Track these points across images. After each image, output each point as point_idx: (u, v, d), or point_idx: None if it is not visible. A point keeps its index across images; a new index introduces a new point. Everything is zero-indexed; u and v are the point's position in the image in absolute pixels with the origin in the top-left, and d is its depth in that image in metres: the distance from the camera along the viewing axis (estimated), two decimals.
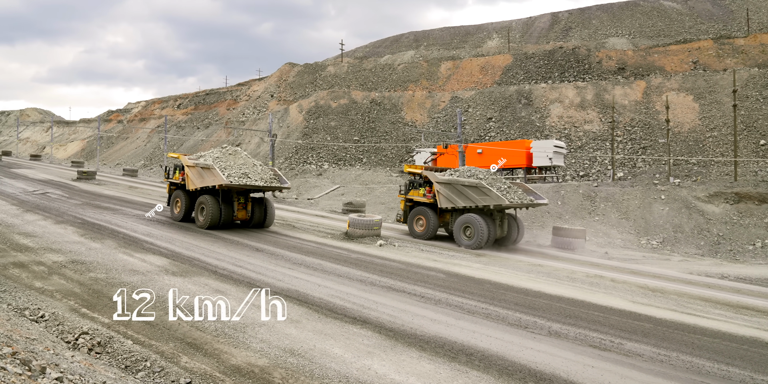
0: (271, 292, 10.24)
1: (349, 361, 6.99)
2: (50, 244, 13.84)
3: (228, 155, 19.57)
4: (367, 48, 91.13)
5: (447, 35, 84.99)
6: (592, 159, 39.15)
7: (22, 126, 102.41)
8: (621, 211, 25.92)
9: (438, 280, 12.38)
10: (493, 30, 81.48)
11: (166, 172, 22.15)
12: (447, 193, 18.81)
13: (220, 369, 6.60)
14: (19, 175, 37.26)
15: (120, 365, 6.60)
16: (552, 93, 45.61)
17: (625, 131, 40.48)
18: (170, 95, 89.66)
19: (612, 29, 68.47)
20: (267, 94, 66.79)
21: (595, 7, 75.12)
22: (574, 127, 42.39)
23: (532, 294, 11.43)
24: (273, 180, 19.14)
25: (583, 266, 15.79)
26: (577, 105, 43.86)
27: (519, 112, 45.65)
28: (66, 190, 29.21)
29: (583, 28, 71.74)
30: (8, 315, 7.72)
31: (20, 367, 4.41)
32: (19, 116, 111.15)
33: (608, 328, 9.08)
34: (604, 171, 37.85)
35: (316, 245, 16.42)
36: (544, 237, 22.58)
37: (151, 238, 15.84)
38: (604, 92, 43.68)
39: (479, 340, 8.09)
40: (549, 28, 75.59)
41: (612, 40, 53.90)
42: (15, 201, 22.63)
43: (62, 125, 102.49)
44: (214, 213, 18.42)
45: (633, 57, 48.69)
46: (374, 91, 57.08)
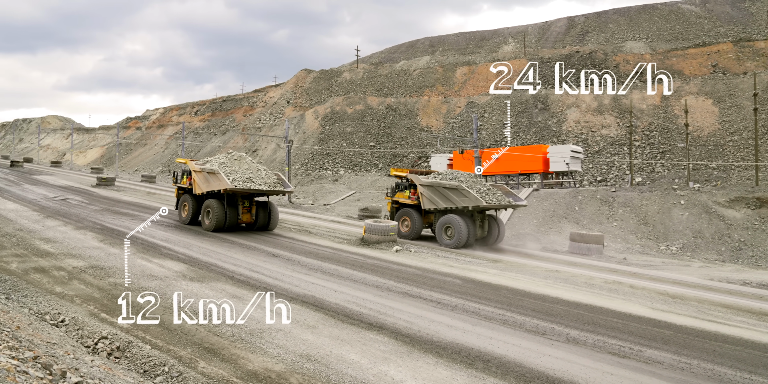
0: (276, 294, 10.28)
1: (366, 367, 6.98)
2: (70, 250, 14.03)
3: (233, 160, 20.03)
4: (382, 54, 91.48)
5: (462, 40, 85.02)
6: (609, 164, 38.84)
7: (43, 133, 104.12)
8: (640, 217, 25.65)
9: (454, 285, 12.33)
10: (508, 35, 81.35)
11: (174, 177, 22.65)
12: (430, 195, 19.65)
13: (237, 374, 6.63)
14: (40, 181, 37.84)
15: (138, 370, 6.65)
16: (569, 98, 45.37)
17: (644, 136, 40.12)
18: (188, 102, 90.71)
19: (629, 33, 68.01)
20: (283, 101, 67.25)
21: (612, 11, 74.72)
22: (592, 132, 42.10)
23: (549, 300, 11.33)
24: (276, 184, 19.51)
25: (601, 272, 15.63)
26: (594, 109, 43.58)
27: (535, 117, 45.46)
28: (86, 196, 29.61)
29: (599, 32, 71.36)
30: (30, 319, 7.83)
31: (41, 371, 4.47)
32: (40, 123, 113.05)
33: (627, 335, 8.97)
34: (622, 176, 37.51)
35: (332, 251, 16.44)
36: (561, 243, 22.40)
37: (169, 243, 15.98)
38: (622, 97, 43.35)
39: (496, 347, 8.03)
40: (565, 33, 75.31)
41: (629, 44, 53.52)
42: (36, 207, 22.98)
43: (82, 132, 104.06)
44: (219, 216, 19.00)
45: (651, 61, 48.30)
46: (390, 97, 57.21)
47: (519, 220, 26.68)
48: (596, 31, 72.32)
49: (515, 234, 24.08)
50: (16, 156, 76.18)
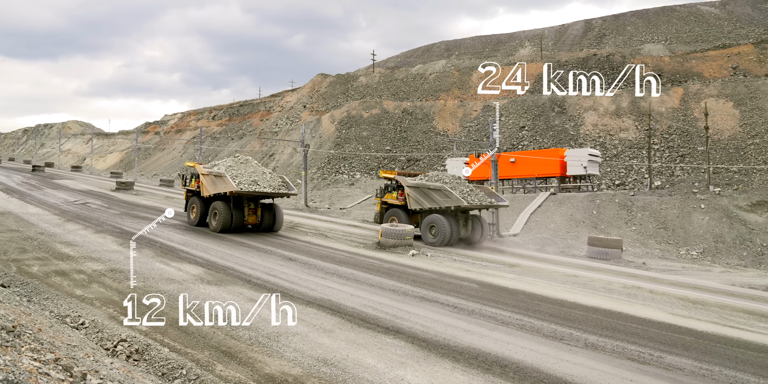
0: (291, 298, 10.30)
1: (382, 372, 6.97)
2: (90, 253, 14.20)
3: (239, 164, 20.68)
4: (398, 58, 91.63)
5: (478, 44, 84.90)
6: (628, 167, 38.47)
7: (64, 138, 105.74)
8: (659, 221, 25.36)
9: (471, 290, 12.27)
10: (525, 38, 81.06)
11: (184, 180, 23.44)
12: (415, 196, 20.39)
13: (254, 378, 6.65)
14: (61, 185, 38.40)
15: (157, 372, 6.70)
16: (586, 101, 45.06)
17: (663, 139, 39.70)
18: (205, 107, 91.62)
19: (647, 35, 67.42)
20: (300, 105, 67.61)
21: (630, 14, 74.14)
22: (609, 135, 41.75)
23: (567, 305, 11.23)
24: (281, 187, 20.17)
25: (620, 277, 15.46)
26: (612, 113, 43.24)
27: (552, 120, 45.21)
28: (105, 200, 29.98)
29: (617, 35, 70.83)
30: (51, 322, 7.93)
31: (62, 373, 4.52)
32: (61, 129, 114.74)
33: (647, 341, 8.85)
34: (641, 180, 37.13)
35: (349, 255, 16.46)
36: (579, 247, 22.21)
37: (187, 247, 16.11)
38: (640, 99, 42.95)
39: (514, 352, 7.97)
40: (582, 36, 74.87)
41: (648, 47, 53.05)
42: (57, 211, 23.31)
43: (102, 137, 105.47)
44: (225, 218, 19.70)
45: (670, 63, 47.82)
46: (406, 101, 57.26)
47: (536, 224, 26.51)
48: (614, 33, 71.78)
49: (532, 238, 23.93)
50: (38, 161, 77.43)
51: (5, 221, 19.30)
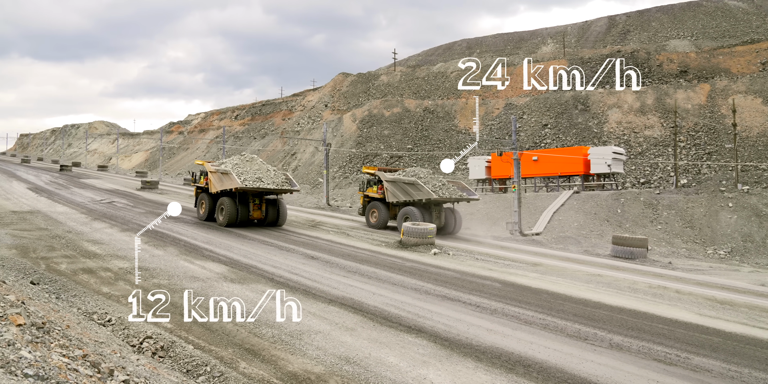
0: (314, 296, 10.34)
1: (405, 371, 6.96)
2: (116, 251, 14.43)
3: (245, 162, 21.69)
4: (419, 56, 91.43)
5: (500, 42, 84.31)
6: (653, 165, 37.90)
7: (91, 138, 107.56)
8: (685, 220, 24.94)
9: (494, 289, 12.20)
10: (547, 35, 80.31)
11: (193, 178, 24.54)
12: (393, 190, 22.16)
13: (277, 375, 6.70)
14: (88, 185, 39.08)
15: (182, 369, 6.79)
16: (610, 98, 44.48)
17: (689, 136, 39.02)
18: (228, 107, 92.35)
19: (673, 31, 66.31)
20: (321, 104, 67.86)
21: (655, 9, 72.97)
22: (634, 133, 41.17)
23: (591, 305, 11.11)
24: (284, 183, 21.16)
25: (645, 276, 15.24)
26: (637, 110, 42.61)
27: (575, 118, 44.73)
28: (131, 199, 30.44)
29: (642, 31, 69.80)
30: (78, 318, 8.08)
31: (90, 369, 4.60)
32: (87, 129, 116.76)
33: (674, 342, 8.71)
34: (667, 178, 36.55)
35: (370, 253, 16.48)
36: (603, 246, 21.95)
37: (210, 245, 16.28)
38: (666, 96, 42.27)
39: (537, 352, 7.91)
40: (606, 32, 73.91)
41: (673, 43, 52.13)
42: (84, 210, 23.73)
43: (127, 137, 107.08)
44: (231, 212, 20.81)
45: (696, 59, 46.96)
46: (427, 99, 57.12)
47: (559, 223, 26.26)
48: (638, 29, 70.72)
49: (555, 237, 23.71)
50: (65, 160, 78.92)
51: (34, 220, 19.70)
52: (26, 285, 9.76)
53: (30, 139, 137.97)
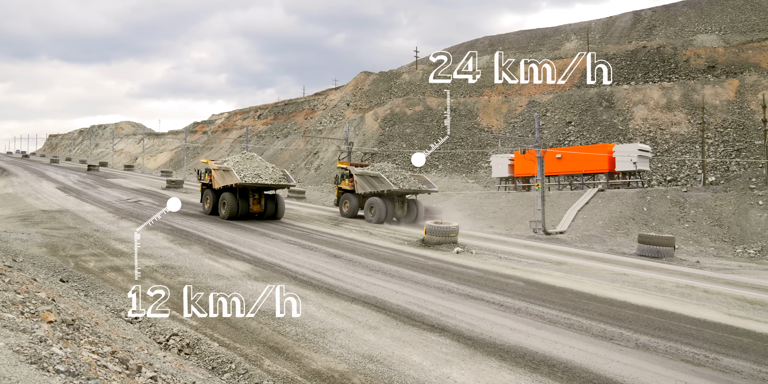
0: (337, 295, 10.37)
1: (428, 369, 6.95)
2: (142, 250, 14.64)
3: (246, 160, 23.27)
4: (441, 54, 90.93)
5: (523, 39, 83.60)
6: (680, 163, 37.25)
7: (117, 138, 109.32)
8: (713, 218, 24.48)
9: (517, 288, 12.12)
10: (571, 31, 79.40)
11: (199, 175, 26.41)
12: (361, 182, 24.69)
13: (301, 373, 6.74)
14: (115, 184, 39.74)
15: (207, 366, 6.87)
16: (635, 94, 43.82)
17: (717, 133, 38.27)
18: (251, 106, 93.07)
19: (700, 26, 65.07)
20: (343, 103, 68.03)
21: (681, 4, 71.61)
22: (660, 130, 40.51)
23: (617, 304, 10.97)
24: (282, 179, 22.74)
25: (672, 276, 15.00)
26: (663, 106, 41.91)
27: (600, 115, 44.15)
28: (156, 198, 30.87)
29: (668, 26, 68.62)
30: (106, 316, 8.23)
31: (119, 366, 4.68)
32: (114, 129, 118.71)
33: (702, 342, 8.56)
34: (694, 175, 35.91)
35: (393, 252, 16.49)
36: (628, 245, 21.66)
37: (234, 244, 16.45)
38: (693, 92, 41.50)
39: (562, 351, 7.83)
40: (631, 28, 72.82)
41: (700, 37, 51.16)
42: (111, 209, 24.15)
43: (152, 137, 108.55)
44: (232, 206, 22.54)
45: (724, 54, 45.99)
46: (449, 98, 56.87)
47: (583, 221, 25.97)
48: (664, 24, 69.54)
49: (579, 236, 23.46)
50: (93, 160, 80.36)
51: (63, 219, 20.11)
52: (56, 282, 9.97)
53: (58, 140, 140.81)
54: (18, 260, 11.46)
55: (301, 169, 56.23)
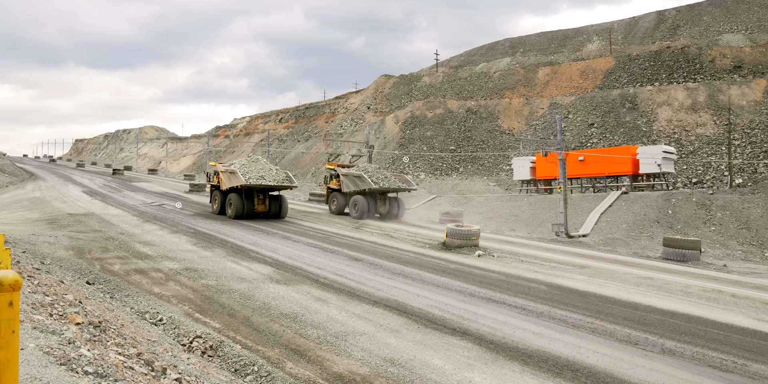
0: (359, 298, 10.38)
1: (450, 373, 6.92)
2: (166, 253, 14.84)
3: (251, 163, 24.99)
4: (461, 57, 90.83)
5: (544, 40, 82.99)
6: (706, 165, 36.61)
7: (141, 143, 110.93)
8: (741, 221, 24.00)
9: (540, 292, 12.02)
10: (593, 32, 78.63)
11: (208, 177, 28.00)
12: (346, 182, 27.04)
13: (323, 376, 6.76)
14: (139, 188, 40.32)
15: (230, 368, 6.93)
16: (659, 95, 43.21)
17: (744, 134, 37.54)
18: (272, 110, 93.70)
19: (726, 25, 63.97)
20: (363, 106, 68.17)
21: (706, 3, 70.48)
22: (685, 131, 39.87)
23: (641, 308, 10.81)
24: (284, 180, 24.38)
25: (698, 280, 14.75)
26: (688, 107, 41.25)
27: (623, 116, 43.62)
28: (179, 201, 31.24)
29: (692, 26, 67.59)
30: (131, 318, 8.35)
31: (145, 368, 4.74)
32: (138, 134, 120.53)
33: (730, 348, 8.40)
34: (720, 177, 35.27)
35: (414, 255, 16.46)
36: (653, 248, 21.34)
37: (256, 247, 16.57)
38: (719, 93, 40.79)
39: (585, 356, 7.75)
40: (654, 28, 71.87)
41: (726, 37, 50.26)
42: (135, 212, 24.50)
43: (176, 141, 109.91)
44: (238, 206, 24.04)
45: (751, 54, 45.14)
46: (470, 100, 56.70)
47: (607, 224, 25.66)
48: (689, 24, 68.51)
49: (603, 239, 23.18)
50: (118, 164, 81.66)
51: (89, 222, 20.45)
52: (82, 285, 10.14)
53: (84, 144, 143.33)
54: (46, 263, 11.69)
55: (322, 172, 56.45)
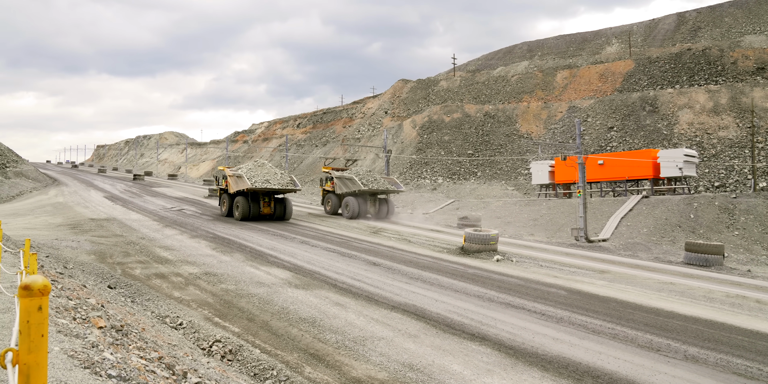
0: (377, 303, 10.37)
1: (469, 379, 6.88)
2: (186, 257, 14.99)
3: (257, 167, 26.08)
4: (479, 61, 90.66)
5: (562, 43, 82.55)
6: (728, 168, 36.06)
7: (161, 148, 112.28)
8: (765, 225, 23.59)
9: (559, 297, 11.92)
10: (612, 35, 78.05)
11: (216, 181, 29.39)
12: (339, 184, 29.05)
13: (341, 381, 6.76)
14: (159, 193, 40.79)
15: (249, 373, 6.96)
16: (680, 98, 42.70)
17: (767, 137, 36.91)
18: (290, 115, 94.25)
19: (748, 26, 63.10)
20: (381, 111, 68.31)
21: (728, 4, 69.62)
22: (707, 134, 39.33)
23: (663, 314, 10.66)
24: (289, 184, 25.49)
25: (722, 285, 14.51)
26: (710, 110, 40.71)
27: (643, 120, 43.17)
28: (199, 206, 31.55)
29: (714, 27, 66.78)
30: (152, 322, 8.44)
31: (166, 371, 4.79)
32: (158, 139, 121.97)
33: (755, 355, 8.25)
34: (744, 181, 34.70)
35: (432, 260, 16.43)
36: (675, 253, 21.05)
37: (275, 251, 16.66)
38: (741, 95, 40.19)
39: (606, 362, 7.66)
40: (675, 30, 71.14)
41: (748, 38, 49.55)
42: (156, 217, 24.79)
43: (195, 146, 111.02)
44: (245, 209, 25.24)
45: None
46: (488, 104, 56.53)
47: (627, 228, 25.38)
48: (710, 26, 67.70)
49: (623, 243, 22.92)
50: (138, 170, 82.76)
51: (111, 227, 20.73)
52: (104, 289, 10.28)
53: (106, 150, 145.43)
54: (69, 267, 11.86)
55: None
